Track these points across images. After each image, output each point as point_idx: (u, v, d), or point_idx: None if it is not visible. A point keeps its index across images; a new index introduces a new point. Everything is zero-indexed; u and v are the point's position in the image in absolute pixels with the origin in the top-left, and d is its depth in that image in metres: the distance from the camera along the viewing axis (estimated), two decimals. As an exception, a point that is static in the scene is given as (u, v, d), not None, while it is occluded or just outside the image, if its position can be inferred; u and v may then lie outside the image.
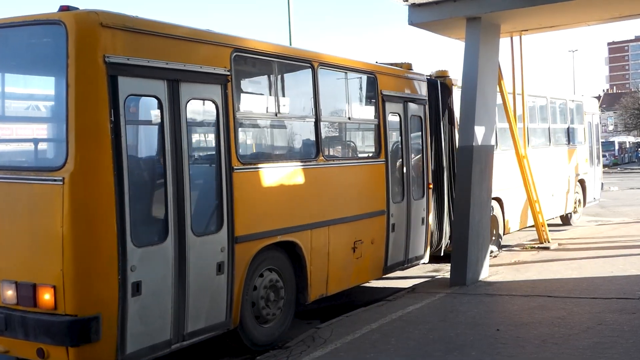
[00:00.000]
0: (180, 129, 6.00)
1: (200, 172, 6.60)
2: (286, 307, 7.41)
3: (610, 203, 22.73)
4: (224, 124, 6.48)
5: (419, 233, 10.06)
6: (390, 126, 9.38)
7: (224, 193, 6.44)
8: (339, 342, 6.93)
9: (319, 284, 7.88)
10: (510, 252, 12.39)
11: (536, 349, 6.32)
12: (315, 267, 7.75)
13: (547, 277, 9.86)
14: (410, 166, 9.80)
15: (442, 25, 10.40)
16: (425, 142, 10.29)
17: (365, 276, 8.98)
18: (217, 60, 6.51)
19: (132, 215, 5.52)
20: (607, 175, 42.89)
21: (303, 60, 7.95)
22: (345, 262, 8.37)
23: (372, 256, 8.93)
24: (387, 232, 9.19)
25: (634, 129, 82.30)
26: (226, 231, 6.43)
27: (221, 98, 6.47)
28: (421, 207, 10.09)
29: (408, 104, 9.83)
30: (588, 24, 11.25)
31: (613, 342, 6.39)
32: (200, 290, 6.15)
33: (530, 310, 7.89)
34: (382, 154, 9.13)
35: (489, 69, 10.21)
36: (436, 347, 6.60)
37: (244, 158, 6.83)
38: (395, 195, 9.43)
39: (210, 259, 6.29)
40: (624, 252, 11.67)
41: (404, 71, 10.15)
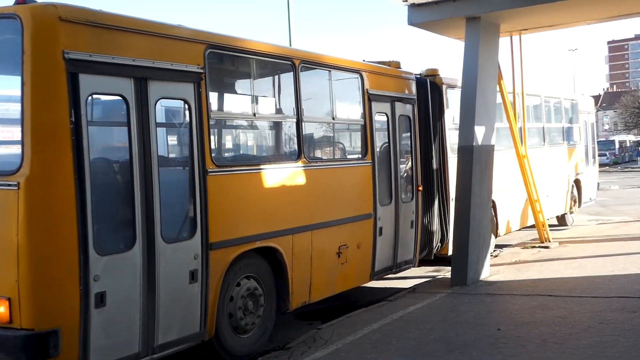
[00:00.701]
0: (149, 130, 5.68)
1: (171, 176, 6.28)
2: (266, 316, 7.08)
3: (610, 202, 22.74)
4: (197, 124, 6.17)
5: (408, 237, 9.75)
6: (377, 126, 9.10)
7: (197, 197, 6.14)
8: (340, 342, 6.93)
9: (302, 291, 7.57)
10: (511, 251, 12.38)
11: (537, 348, 6.32)
12: (297, 273, 7.44)
13: (547, 277, 9.86)
14: (398, 168, 9.53)
15: (441, 25, 10.41)
16: (414, 142, 10.01)
17: (351, 282, 8.60)
18: (190, 57, 6.19)
19: (95, 221, 5.20)
20: (607, 174, 42.99)
21: (283, 58, 7.62)
22: (330, 268, 8.05)
23: (359, 261, 8.59)
24: (374, 236, 8.86)
25: (634, 127, 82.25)
26: (200, 237, 6.13)
27: (194, 97, 6.16)
28: (410, 210, 9.78)
29: (396, 104, 9.53)
30: (588, 22, 11.25)
31: (614, 341, 6.39)
32: (172, 300, 5.85)
33: (531, 309, 7.89)
34: (369, 155, 8.79)
35: (489, 68, 10.21)
36: (437, 347, 6.60)
37: (219, 160, 6.59)
38: (383, 197, 9.09)
39: (182, 267, 5.98)
40: (624, 251, 11.65)
41: (392, 70, 9.85)
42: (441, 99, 10.84)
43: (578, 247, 12.41)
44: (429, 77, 10.88)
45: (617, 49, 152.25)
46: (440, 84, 10.87)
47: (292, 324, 8.24)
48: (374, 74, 9.18)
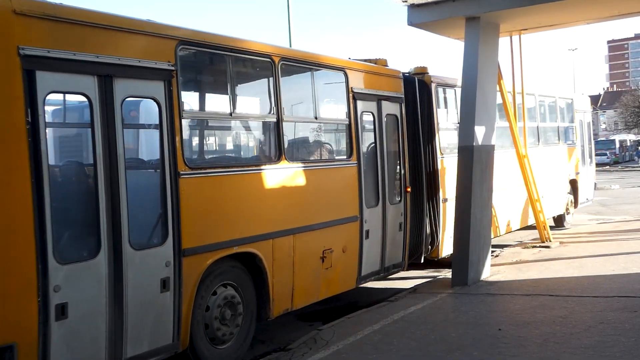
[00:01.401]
0: (115, 130, 5.38)
1: (140, 179, 6.03)
2: (245, 325, 6.80)
3: (611, 201, 22.75)
4: (168, 124, 5.87)
5: (397, 239, 9.48)
6: (362, 126, 8.80)
7: (169, 201, 5.84)
8: (341, 343, 6.92)
9: (283, 298, 7.30)
10: (511, 251, 12.37)
11: (538, 348, 6.32)
12: (279, 279, 7.16)
13: (548, 276, 9.85)
14: (385, 168, 9.24)
15: (441, 26, 10.40)
16: (402, 142, 9.72)
17: (336, 288, 8.31)
18: (160, 53, 5.89)
19: (55, 228, 4.89)
20: (608, 174, 42.99)
21: (262, 55, 7.30)
22: (313, 274, 7.76)
23: (344, 266, 8.31)
24: (360, 239, 8.59)
25: (634, 127, 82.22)
26: (171, 243, 5.84)
27: (164, 96, 5.86)
28: (398, 212, 9.51)
29: (382, 103, 9.26)
30: (587, 22, 11.25)
31: (615, 340, 6.38)
32: (142, 310, 5.56)
33: (532, 309, 7.88)
34: (354, 156, 8.51)
35: (489, 68, 10.21)
36: (438, 347, 6.60)
37: (192, 162, 6.31)
38: (370, 199, 8.82)
39: (152, 275, 5.69)
40: (625, 250, 11.65)
41: (378, 67, 9.58)
42: (430, 98, 10.55)
43: (579, 247, 12.40)
44: (417, 75, 10.63)
45: (617, 48, 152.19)
46: (429, 82, 10.60)
47: (292, 325, 8.24)
48: (359, 72, 8.95)
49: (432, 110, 10.53)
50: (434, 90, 10.63)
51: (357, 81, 8.79)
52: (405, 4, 9.85)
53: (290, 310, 7.48)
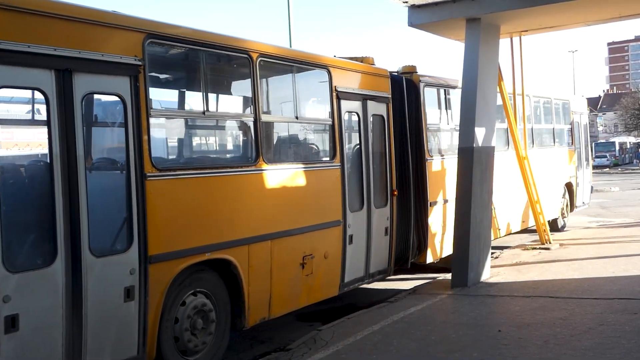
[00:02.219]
0: (74, 128, 5.05)
1: (102, 181, 5.77)
2: (219, 335, 6.50)
3: (611, 204, 22.76)
4: (134, 123, 5.54)
5: (382, 244, 9.13)
6: (346, 126, 8.50)
7: (134, 205, 5.51)
8: (341, 344, 6.92)
9: (260, 306, 6.98)
10: (511, 253, 12.37)
11: (538, 350, 6.31)
12: (255, 287, 6.84)
13: (548, 278, 9.85)
14: (370, 171, 8.89)
15: (442, 27, 10.40)
16: (388, 144, 9.35)
17: (317, 295, 7.98)
18: (125, 47, 5.55)
19: (5, 234, 4.60)
20: (608, 176, 43.04)
21: (238, 51, 6.97)
22: (293, 281, 7.46)
23: (326, 272, 7.99)
24: (343, 244, 8.28)
25: (634, 129, 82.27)
26: (137, 250, 5.52)
27: (130, 92, 5.52)
28: (384, 216, 9.16)
29: (368, 102, 8.91)
30: (588, 24, 11.25)
31: (615, 342, 6.38)
32: (103, 320, 5.25)
33: (532, 311, 7.88)
34: (337, 158, 8.18)
35: (489, 69, 10.21)
36: (438, 348, 6.59)
37: (160, 164, 5.93)
38: (353, 203, 8.50)
39: (115, 284, 5.37)
40: (625, 252, 11.64)
41: (363, 66, 9.22)
42: (418, 98, 10.20)
43: (579, 249, 12.40)
44: (405, 74, 10.27)
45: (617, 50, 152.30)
46: (418, 81, 10.23)
47: (292, 325, 8.23)
48: (343, 70, 8.60)
49: (420, 110, 10.21)
50: (423, 90, 10.30)
51: (341, 80, 8.45)
52: (405, 4, 9.85)
53: (268, 319, 7.17)
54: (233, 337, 6.95)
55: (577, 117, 16.49)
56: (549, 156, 14.57)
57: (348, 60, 9.05)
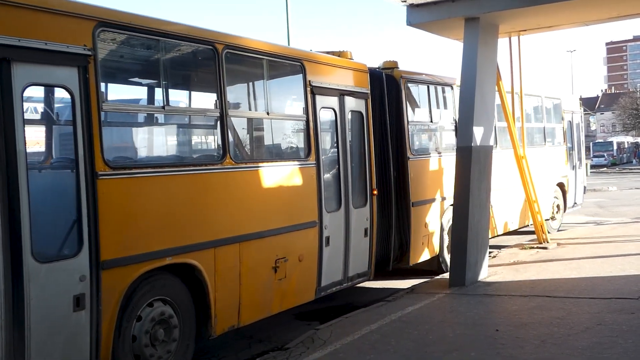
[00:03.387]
0: (13, 123, 4.66)
1: (48, 180, 5.44)
2: (182, 346, 6.09)
3: (608, 203, 22.78)
4: (84, 118, 5.13)
5: (361, 246, 8.73)
6: (322, 123, 8.10)
7: (84, 206, 5.10)
8: (339, 343, 6.92)
9: (228, 313, 6.57)
10: (509, 252, 12.38)
11: (535, 349, 6.31)
12: (222, 293, 6.43)
13: (546, 277, 9.85)
14: (349, 169, 8.53)
15: (440, 26, 10.40)
16: (368, 141, 8.98)
17: (292, 300, 7.61)
18: (74, 35, 5.14)
19: None
20: (605, 175, 43.11)
21: (201, 41, 6.56)
22: (264, 286, 7.08)
23: (301, 276, 7.63)
24: (319, 246, 7.88)
25: (632, 129, 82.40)
26: (87, 254, 5.11)
27: (79, 84, 5.12)
28: (363, 217, 8.78)
29: (345, 98, 8.54)
30: (586, 23, 11.26)
31: (612, 342, 6.38)
32: (49, 332, 4.85)
33: (530, 310, 7.88)
34: (312, 156, 7.83)
35: (488, 69, 10.21)
36: (435, 347, 6.59)
37: (113, 162, 5.54)
38: (330, 203, 8.13)
39: (63, 292, 4.95)
40: (622, 252, 11.66)
41: (340, 60, 8.82)
42: (399, 95, 9.89)
43: (576, 248, 12.41)
44: (385, 70, 9.96)
45: (616, 50, 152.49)
46: (399, 77, 9.96)
47: (290, 324, 8.23)
48: (318, 64, 8.23)
49: (402, 107, 9.91)
50: (404, 86, 10.02)
51: (316, 74, 8.06)
52: (404, 4, 9.85)
53: (237, 327, 6.79)
54: (231, 336, 6.97)
55: (569, 116, 16.18)
56: (540, 155, 14.09)
57: (324, 54, 8.70)
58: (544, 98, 15.02)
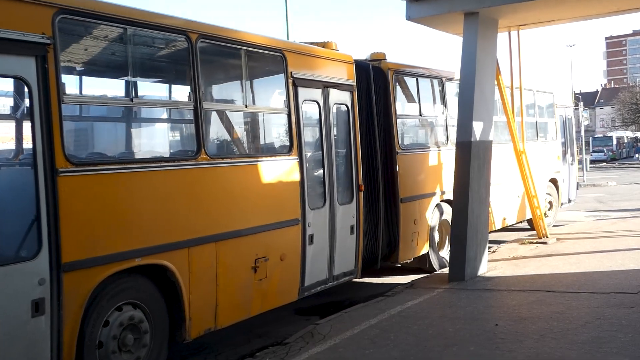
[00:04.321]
0: None
1: (3, 178, 5.20)
2: (154, 350, 5.78)
3: (608, 198, 22.78)
4: (42, 111, 4.84)
5: (347, 244, 8.44)
6: (305, 116, 7.81)
7: (43, 205, 4.79)
8: (338, 337, 6.92)
9: (204, 316, 6.28)
10: (508, 247, 12.39)
11: (535, 344, 6.32)
12: (198, 295, 6.14)
13: (545, 272, 9.86)
14: (334, 165, 8.23)
15: (440, 20, 10.38)
16: (354, 135, 8.68)
17: (273, 301, 7.30)
18: (31, 23, 4.83)
19: None
20: (605, 170, 43.10)
21: (173, 31, 6.20)
22: (243, 286, 6.78)
23: (282, 276, 7.33)
24: (302, 245, 7.58)
25: (631, 123, 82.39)
26: (47, 256, 4.80)
27: (37, 76, 4.83)
28: (349, 214, 8.47)
29: (329, 90, 8.23)
30: (586, 18, 11.24)
31: (612, 336, 6.39)
32: (6, 339, 4.58)
33: (529, 305, 7.89)
34: (295, 150, 7.52)
35: (487, 64, 10.20)
36: (435, 342, 6.60)
37: (76, 158, 5.22)
38: (314, 200, 7.83)
39: (20, 296, 4.66)
40: (622, 246, 11.66)
41: (324, 51, 8.50)
42: (387, 87, 9.64)
43: (576, 243, 12.41)
44: (373, 62, 9.70)
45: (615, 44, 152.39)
46: (387, 69, 9.70)
47: (289, 319, 8.24)
48: (300, 55, 7.92)
49: (390, 100, 9.66)
50: (392, 78, 9.77)
51: (299, 65, 7.75)
52: (403, -2, 9.84)
53: (214, 330, 6.50)
54: (229, 331, 6.96)
55: (561, 110, 15.83)
56: (532, 151, 13.41)
57: (307, 45, 8.38)
58: (536, 92, 14.67)
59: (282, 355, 6.46)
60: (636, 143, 70.11)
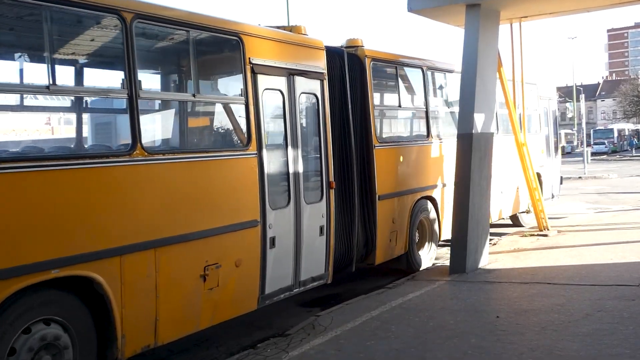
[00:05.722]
0: None
1: None
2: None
3: (609, 190, 22.76)
4: None
5: (316, 246, 7.75)
6: (266, 106, 7.07)
7: None
8: (339, 329, 6.93)
9: (141, 332, 5.55)
10: (509, 239, 12.39)
11: (536, 336, 6.33)
12: (133, 309, 5.41)
13: (546, 264, 9.86)
14: (299, 160, 7.50)
15: (441, 12, 10.36)
16: (324, 128, 7.96)
17: (227, 312, 6.58)
18: None
19: None
20: (606, 163, 43.08)
21: (103, 9, 5.42)
22: (190, 297, 6.04)
23: (238, 284, 6.59)
24: (262, 248, 6.86)
25: (633, 116, 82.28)
26: None
27: None
28: (318, 213, 7.77)
29: (295, 78, 7.51)
30: (588, 10, 11.22)
31: (613, 328, 6.40)
32: None
33: (530, 297, 7.89)
34: (253, 145, 6.77)
35: (489, 55, 10.18)
36: (436, 334, 6.61)
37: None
38: (277, 199, 7.14)
39: None
40: (623, 239, 11.66)
41: (289, 35, 7.76)
42: (364, 76, 8.96)
43: (577, 236, 12.41)
44: (348, 48, 9.00)
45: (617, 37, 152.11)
46: (363, 57, 9.00)
47: (291, 310, 8.24)
48: (260, 39, 7.17)
49: (367, 90, 8.94)
50: (370, 67, 9.07)
51: (258, 50, 7.02)
52: (405, -10, 9.81)
53: (154, 347, 5.76)
54: (232, 324, 6.96)
55: (545, 102, 15.27)
56: (515, 144, 12.61)
57: (269, 29, 7.62)
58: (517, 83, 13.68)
59: (283, 347, 6.46)
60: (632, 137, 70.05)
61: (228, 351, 6.80)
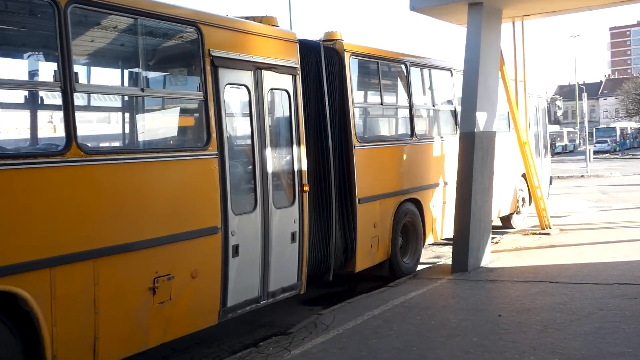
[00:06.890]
0: None
1: None
2: None
3: (611, 189, 22.73)
4: None
5: (287, 254, 7.22)
6: (229, 103, 6.60)
7: None
8: (341, 328, 6.94)
9: (77, 352, 4.99)
10: (511, 238, 12.39)
11: (538, 335, 6.32)
12: (66, 328, 4.85)
13: (548, 263, 9.86)
14: (267, 162, 6.96)
15: (444, 11, 10.35)
16: (297, 127, 7.46)
17: (182, 327, 6.00)
18: None
19: None
20: (608, 161, 43.01)
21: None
22: (136, 313, 5.48)
23: (195, 297, 6.04)
24: (223, 258, 6.32)
25: (635, 114, 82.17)
26: None
27: None
28: (290, 219, 7.25)
29: (263, 73, 6.97)
30: (590, 8, 11.21)
31: (615, 327, 6.39)
32: None
33: (532, 296, 7.89)
34: (213, 144, 6.22)
35: (491, 54, 10.17)
36: (438, 332, 6.61)
37: None
38: (240, 203, 6.61)
39: None
40: (625, 238, 11.65)
41: (257, 26, 7.18)
42: (343, 72, 8.42)
43: (579, 234, 12.40)
44: (326, 42, 8.46)
45: (619, 35, 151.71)
46: (342, 51, 8.47)
47: (293, 309, 8.25)
48: (223, 30, 6.60)
49: (346, 87, 8.42)
50: (349, 61, 8.57)
51: (220, 42, 6.47)
52: (407, -12, 9.81)
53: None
54: (233, 322, 6.97)
55: (534, 100, 14.73)
56: (503, 144, 12.15)
57: (234, 19, 7.00)
58: None
59: (285, 345, 6.47)
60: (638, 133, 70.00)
61: (230, 349, 6.80)
